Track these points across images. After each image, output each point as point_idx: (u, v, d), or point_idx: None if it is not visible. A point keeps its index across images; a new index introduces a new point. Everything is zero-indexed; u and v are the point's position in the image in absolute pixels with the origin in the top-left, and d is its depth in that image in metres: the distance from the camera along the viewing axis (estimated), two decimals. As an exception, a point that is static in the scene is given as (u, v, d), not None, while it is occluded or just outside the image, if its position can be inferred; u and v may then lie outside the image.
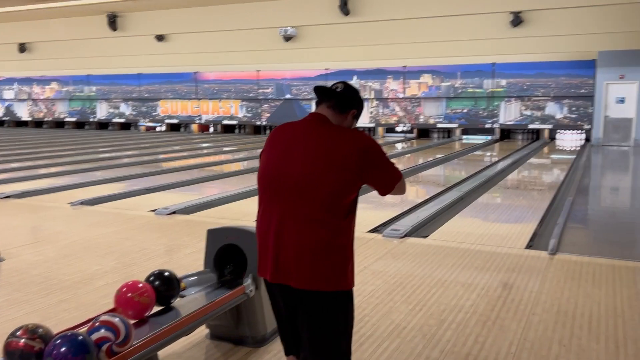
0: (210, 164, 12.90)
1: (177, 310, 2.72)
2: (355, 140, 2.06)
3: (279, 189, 2.07)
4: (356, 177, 2.03)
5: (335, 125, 2.13)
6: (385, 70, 20.02)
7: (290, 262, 2.04)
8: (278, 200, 2.07)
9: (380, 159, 2.11)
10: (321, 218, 2.00)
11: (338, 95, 2.15)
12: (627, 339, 3.24)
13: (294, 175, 2.03)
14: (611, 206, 8.01)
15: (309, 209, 2.00)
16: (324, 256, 2.01)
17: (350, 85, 2.21)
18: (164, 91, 24.31)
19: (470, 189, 8.49)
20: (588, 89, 17.19)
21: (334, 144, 2.03)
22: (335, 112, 2.15)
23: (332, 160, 2.00)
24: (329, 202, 2.00)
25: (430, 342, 3.21)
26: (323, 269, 2.02)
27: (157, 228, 6.17)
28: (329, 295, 2.06)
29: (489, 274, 4.45)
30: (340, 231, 2.05)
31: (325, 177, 1.99)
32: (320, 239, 2.01)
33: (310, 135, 2.08)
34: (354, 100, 2.20)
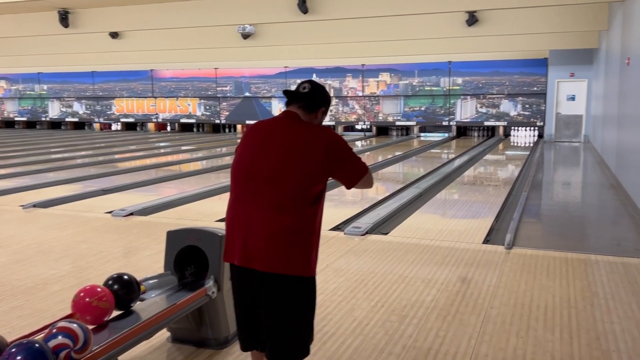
0: (168, 163, 12.69)
1: (138, 314, 2.67)
2: (322, 135, 2.21)
3: (249, 178, 2.19)
4: (322, 169, 2.17)
5: (305, 122, 2.27)
6: (344, 68, 20.13)
7: (256, 246, 2.14)
8: (248, 189, 2.19)
9: (346, 153, 2.24)
10: (287, 206, 2.13)
11: (306, 97, 2.28)
12: (580, 329, 3.35)
13: (264, 165, 2.17)
14: (563, 201, 8.29)
15: (277, 197, 2.13)
16: (289, 241, 2.13)
17: (316, 85, 2.33)
18: (119, 89, 23.78)
19: (428, 185, 8.63)
20: (540, 86, 17.72)
21: (302, 139, 2.18)
22: (305, 111, 2.29)
23: (300, 153, 2.15)
24: (295, 191, 2.13)
25: (393, 338, 3.25)
26: (287, 254, 2.13)
27: (114, 230, 6.04)
28: (291, 279, 2.15)
29: (448, 269, 4.54)
30: (305, 219, 2.16)
31: (293, 169, 2.13)
32: (286, 225, 2.12)
33: (281, 130, 2.23)
34: (321, 99, 2.33)
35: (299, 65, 20.52)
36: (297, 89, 2.30)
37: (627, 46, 8.43)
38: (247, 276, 2.20)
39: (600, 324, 3.42)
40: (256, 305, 2.23)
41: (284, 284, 2.15)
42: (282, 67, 20.85)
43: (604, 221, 6.63)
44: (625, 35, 8.66)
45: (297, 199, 2.13)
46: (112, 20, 13.07)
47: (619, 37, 9.56)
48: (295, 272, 2.15)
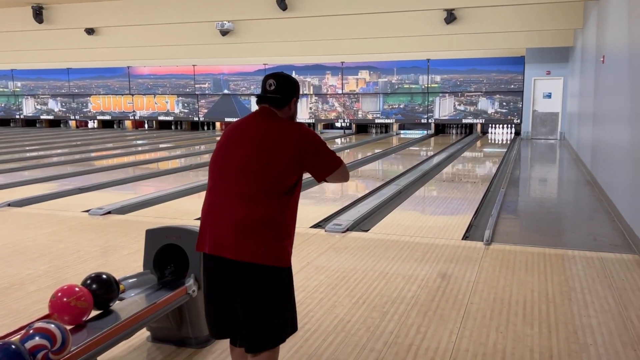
0: (146, 161, 12.54)
1: (117, 313, 2.63)
2: (294, 130, 2.27)
3: (223, 170, 2.26)
4: (294, 161, 2.22)
5: (279, 117, 2.32)
6: (323, 66, 20.12)
7: (226, 235, 2.18)
8: (222, 180, 2.26)
9: (317, 146, 2.29)
10: (258, 197, 2.18)
11: (272, 98, 2.32)
12: (559, 323, 3.40)
13: (237, 157, 2.23)
14: (540, 197, 8.40)
15: (248, 188, 2.19)
16: (257, 231, 2.17)
17: (281, 79, 2.34)
18: (95, 87, 23.45)
19: (408, 182, 8.68)
20: (517, 84, 17.94)
21: (274, 132, 2.24)
22: (276, 108, 2.34)
23: (272, 146, 2.21)
24: (266, 183, 2.19)
25: (374, 335, 3.26)
26: (256, 243, 2.16)
27: (91, 229, 5.95)
28: (261, 268, 2.18)
29: (428, 265, 4.56)
30: (276, 210, 2.20)
31: (265, 161, 2.19)
32: (256, 216, 2.17)
33: (254, 125, 2.30)
34: (288, 91, 2.35)
35: (279, 63, 20.44)
36: (264, 86, 2.34)
37: (602, 44, 8.57)
38: (218, 264, 2.23)
39: (577, 317, 3.48)
40: (227, 293, 2.25)
41: (254, 273, 2.17)
42: (261, 65, 20.76)
43: (580, 217, 6.74)
44: (600, 34, 8.80)
45: (268, 190, 2.18)
46: (88, 16, 12.85)
47: (594, 35, 9.71)
48: (266, 262, 2.17)
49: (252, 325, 2.22)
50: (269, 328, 2.24)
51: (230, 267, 2.19)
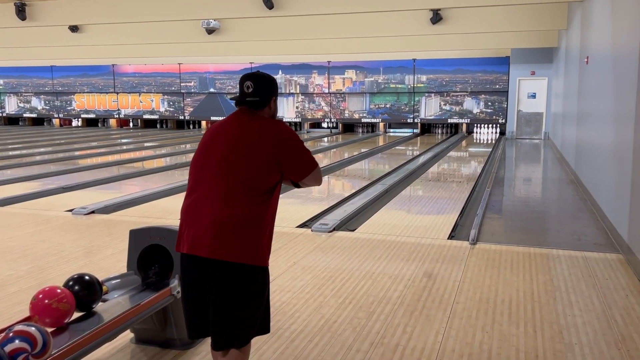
0: (130, 160, 12.42)
1: (100, 315, 2.60)
2: (272, 128, 2.26)
3: (203, 170, 2.25)
4: (273, 160, 2.22)
5: (258, 116, 2.32)
6: (310, 65, 20.10)
7: (202, 234, 2.17)
8: (202, 179, 2.25)
9: (295, 148, 2.28)
10: (235, 196, 2.17)
11: (251, 102, 2.30)
12: (544, 322, 3.42)
13: (217, 156, 2.23)
14: (525, 196, 8.46)
15: (226, 187, 2.18)
16: (236, 229, 2.15)
17: (259, 80, 2.32)
18: (79, 85, 23.20)
19: (394, 182, 8.69)
20: (502, 84, 18.06)
21: (253, 132, 2.24)
22: (256, 110, 2.33)
23: (250, 146, 2.21)
24: (244, 182, 2.18)
25: (360, 335, 3.25)
26: (231, 242, 2.15)
27: (74, 229, 5.87)
28: (236, 266, 2.16)
29: (414, 264, 4.57)
30: (254, 210, 2.19)
31: (243, 160, 2.19)
32: (232, 215, 2.16)
33: (233, 125, 2.30)
34: (266, 92, 2.33)
35: (265, 62, 20.37)
36: (241, 88, 2.31)
37: (585, 45, 8.65)
38: (194, 263, 2.21)
39: (562, 317, 3.50)
40: (203, 292, 2.23)
41: (228, 270, 2.16)
42: (247, 63, 20.67)
43: (564, 216, 6.79)
44: (584, 35, 8.88)
45: (245, 190, 2.17)
46: (72, 13, 12.69)
47: (578, 36, 9.80)
48: (241, 260, 2.16)
49: (220, 321, 2.20)
50: (236, 326, 2.21)
51: (205, 266, 2.17)
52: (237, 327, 2.22)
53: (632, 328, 3.33)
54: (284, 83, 20.58)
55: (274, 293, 3.90)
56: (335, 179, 9.64)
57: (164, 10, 11.91)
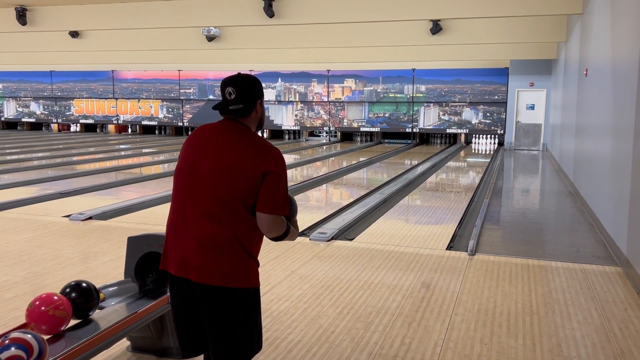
0: (129, 166, 12.40)
1: (96, 323, 2.58)
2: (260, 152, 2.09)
3: (188, 186, 2.11)
4: (255, 183, 2.06)
5: (247, 131, 2.15)
6: (309, 73, 20.15)
7: (192, 255, 2.07)
8: (187, 196, 2.11)
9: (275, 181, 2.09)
10: (222, 215, 2.05)
11: (234, 111, 2.13)
12: (543, 335, 3.40)
13: (202, 174, 2.08)
14: (523, 207, 8.45)
15: (214, 205, 2.05)
16: (223, 250, 2.05)
17: (241, 85, 2.15)
18: (78, 90, 23.21)
19: (392, 191, 8.69)
20: (501, 95, 18.11)
21: (239, 150, 2.08)
22: (242, 117, 2.16)
23: (238, 171, 2.05)
24: (231, 202, 2.05)
25: (359, 346, 3.23)
26: (222, 264, 2.05)
27: (72, 235, 5.84)
28: (228, 291, 2.07)
29: (412, 275, 4.55)
30: (241, 229, 2.07)
31: (231, 181, 2.05)
32: (221, 233, 2.04)
33: (222, 139, 2.11)
34: (251, 98, 2.15)
35: (265, 69, 20.43)
36: (223, 94, 2.14)
37: (584, 58, 8.69)
38: (183, 286, 2.13)
39: (561, 330, 3.48)
40: (195, 313, 2.15)
41: (220, 295, 2.07)
42: (247, 71, 20.69)
43: (563, 228, 6.78)
44: (583, 47, 8.92)
45: (232, 209, 2.05)
46: (73, 18, 12.72)
47: (577, 48, 9.84)
48: (232, 284, 2.07)
49: (220, 346, 2.13)
50: (237, 349, 2.14)
51: (196, 289, 2.09)
52: (238, 350, 2.15)
53: (631, 342, 3.31)
54: (283, 91, 20.61)
55: (272, 302, 3.88)
56: (333, 188, 9.63)
57: (164, 17, 11.94)
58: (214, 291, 2.06)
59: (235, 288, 2.07)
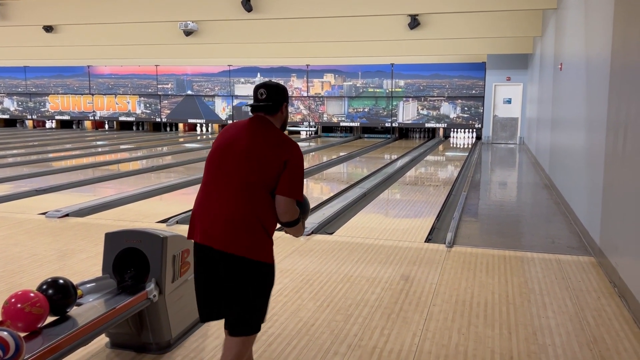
0: (106, 163, 12.26)
1: (74, 319, 2.55)
2: (284, 147, 2.45)
3: (219, 169, 2.44)
4: (277, 172, 2.41)
5: (273, 126, 2.52)
6: (289, 68, 20.10)
7: (215, 228, 2.37)
8: (217, 177, 2.43)
9: (293, 167, 2.43)
10: (246, 196, 2.37)
11: (265, 106, 2.50)
12: (519, 324, 3.47)
13: (233, 160, 2.41)
14: (500, 200, 8.57)
15: (239, 187, 2.38)
16: (246, 225, 2.36)
17: (271, 87, 2.52)
18: (53, 86, 22.85)
19: (372, 185, 8.74)
20: (479, 90, 18.29)
21: (267, 143, 2.43)
22: (270, 115, 2.52)
23: (263, 157, 2.40)
24: (255, 185, 2.38)
25: (338, 338, 3.25)
26: (245, 237, 2.35)
27: (48, 232, 5.77)
28: (248, 262, 2.37)
29: (392, 267, 4.59)
30: (264, 209, 2.39)
31: (257, 168, 2.39)
32: (243, 212, 2.36)
33: (250, 131, 2.47)
34: (278, 98, 2.52)
35: (243, 64, 20.34)
36: (255, 95, 2.51)
37: (559, 52, 8.82)
38: (207, 253, 2.40)
39: (536, 319, 3.55)
40: (215, 279, 2.42)
41: (240, 265, 2.36)
42: (225, 66, 20.60)
43: (539, 220, 6.90)
44: (558, 42, 9.06)
45: (255, 191, 2.37)
46: (47, 13, 12.51)
47: (552, 43, 9.99)
48: (253, 256, 2.36)
49: (236, 309, 2.42)
50: (250, 314, 2.42)
51: (218, 257, 2.37)
52: (252, 317, 2.43)
53: (604, 329, 3.40)
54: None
55: (252, 296, 3.88)
56: (313, 182, 9.65)
57: (141, 12, 11.80)
58: (236, 260, 2.35)
59: (254, 260, 2.37)
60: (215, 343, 3.18)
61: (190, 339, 3.22)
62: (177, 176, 9.96)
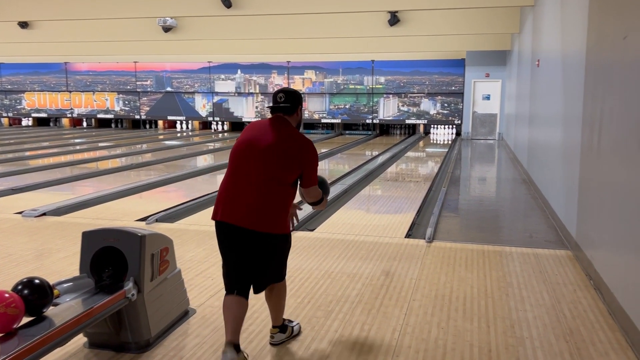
0: (84, 161, 12.10)
1: (51, 319, 2.52)
2: (302, 145, 2.92)
3: (244, 160, 2.86)
4: (296, 166, 2.89)
5: (292, 126, 3.00)
6: (269, 65, 20.04)
7: (242, 210, 2.81)
8: (242, 167, 2.86)
9: (311, 164, 2.96)
10: (267, 183, 2.82)
11: (284, 108, 2.98)
12: (497, 317, 3.51)
13: (256, 154, 2.85)
14: (480, 195, 8.66)
15: (262, 176, 2.82)
16: (267, 208, 2.83)
17: (288, 92, 3.02)
18: (29, 83, 22.48)
19: (353, 182, 8.76)
20: (458, 86, 18.43)
21: (287, 141, 2.89)
22: (287, 115, 3.00)
23: (284, 150, 2.86)
24: (274, 176, 2.83)
25: (319, 334, 3.26)
26: (266, 216, 2.83)
27: (24, 231, 5.68)
28: (272, 236, 2.86)
29: (372, 263, 4.62)
30: (279, 194, 2.87)
31: (277, 160, 2.84)
32: (264, 196, 2.82)
33: (273, 130, 2.92)
34: (295, 102, 3.01)
35: (224, 61, 20.22)
36: (275, 99, 3.00)
37: (536, 49, 8.93)
38: (232, 230, 2.83)
39: (514, 312, 3.60)
40: (237, 252, 2.85)
41: (263, 239, 2.83)
42: (205, 62, 20.46)
43: (517, 214, 6.99)
44: (535, 38, 9.16)
45: (275, 180, 2.83)
46: (21, 8, 12.29)
47: (529, 40, 10.10)
48: (274, 231, 2.86)
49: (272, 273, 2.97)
50: (282, 270, 3.05)
51: (242, 233, 2.81)
52: (278, 272, 3.01)
53: (579, 321, 3.46)
54: (243, 83, 20.45)
55: (232, 294, 3.88)
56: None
57: (119, 7, 11.66)
58: (258, 235, 2.82)
59: (273, 234, 2.86)
60: (195, 341, 3.16)
61: (170, 338, 3.20)
62: (157, 174, 9.87)
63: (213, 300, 3.77)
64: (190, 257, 4.74)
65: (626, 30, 3.54)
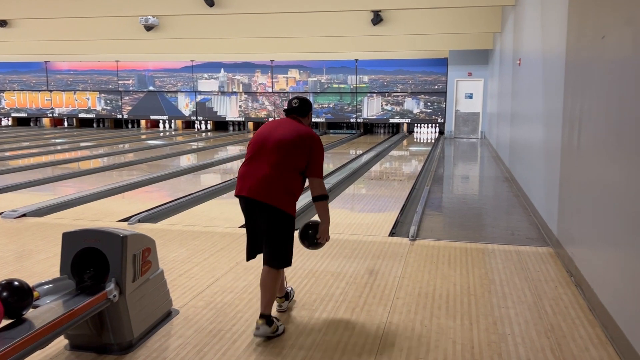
0: (65, 161, 11.96)
1: (31, 322, 2.49)
2: (311, 136, 3.37)
3: (261, 148, 3.30)
4: (305, 155, 3.31)
5: (304, 125, 3.49)
6: (253, 64, 19.98)
7: (260, 186, 3.21)
8: (259, 154, 3.29)
9: (317, 155, 3.37)
10: (280, 169, 3.23)
11: (297, 110, 3.52)
12: (480, 315, 3.54)
13: (271, 145, 3.28)
14: (462, 193, 8.72)
15: (276, 162, 3.24)
16: (280, 188, 3.22)
17: (303, 99, 3.56)
18: (9, 82, 22.17)
19: (337, 181, 8.77)
20: (441, 85, 18.55)
21: (298, 134, 3.33)
22: (300, 117, 3.52)
23: (296, 140, 3.30)
24: (286, 164, 3.25)
25: (303, 333, 3.26)
26: (278, 195, 3.21)
27: (4, 233, 5.60)
28: (278, 210, 3.22)
29: (356, 262, 4.63)
30: (293, 179, 3.28)
31: (289, 149, 3.27)
32: (280, 179, 3.23)
33: (286, 125, 3.40)
34: (307, 108, 3.55)
35: (207, 60, 20.12)
36: (290, 103, 3.53)
37: (518, 48, 9.01)
38: (250, 203, 3.25)
39: (497, 309, 3.63)
40: (256, 224, 3.30)
41: (276, 213, 3.21)
42: (188, 61, 20.34)
43: (499, 212, 7.05)
44: (517, 38, 9.25)
45: (286, 167, 3.24)
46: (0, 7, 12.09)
47: (511, 39, 10.20)
48: (280, 206, 3.20)
49: (270, 245, 3.28)
50: (280, 251, 3.28)
51: (260, 206, 3.21)
52: (279, 253, 3.29)
53: (560, 317, 3.50)
54: (226, 82, 20.36)
55: (216, 294, 3.86)
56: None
57: (100, 6, 11.54)
58: (271, 208, 3.20)
59: (282, 210, 3.21)
60: (178, 342, 3.14)
61: (153, 339, 3.18)
62: (139, 174, 9.79)
63: (196, 301, 3.75)
64: (173, 258, 4.71)
65: (604, 30, 3.59)
